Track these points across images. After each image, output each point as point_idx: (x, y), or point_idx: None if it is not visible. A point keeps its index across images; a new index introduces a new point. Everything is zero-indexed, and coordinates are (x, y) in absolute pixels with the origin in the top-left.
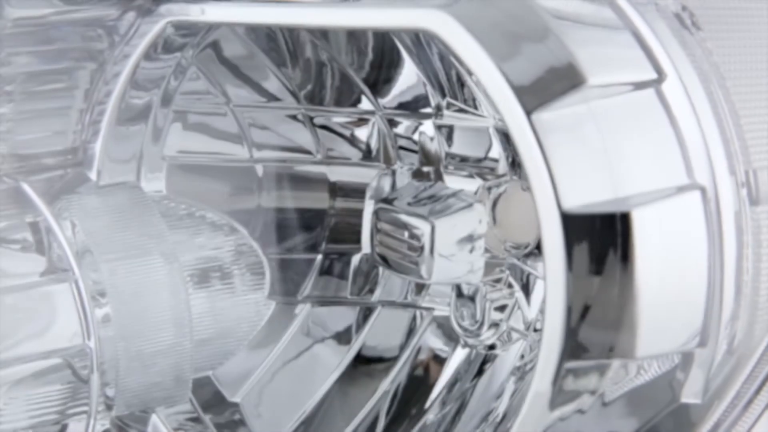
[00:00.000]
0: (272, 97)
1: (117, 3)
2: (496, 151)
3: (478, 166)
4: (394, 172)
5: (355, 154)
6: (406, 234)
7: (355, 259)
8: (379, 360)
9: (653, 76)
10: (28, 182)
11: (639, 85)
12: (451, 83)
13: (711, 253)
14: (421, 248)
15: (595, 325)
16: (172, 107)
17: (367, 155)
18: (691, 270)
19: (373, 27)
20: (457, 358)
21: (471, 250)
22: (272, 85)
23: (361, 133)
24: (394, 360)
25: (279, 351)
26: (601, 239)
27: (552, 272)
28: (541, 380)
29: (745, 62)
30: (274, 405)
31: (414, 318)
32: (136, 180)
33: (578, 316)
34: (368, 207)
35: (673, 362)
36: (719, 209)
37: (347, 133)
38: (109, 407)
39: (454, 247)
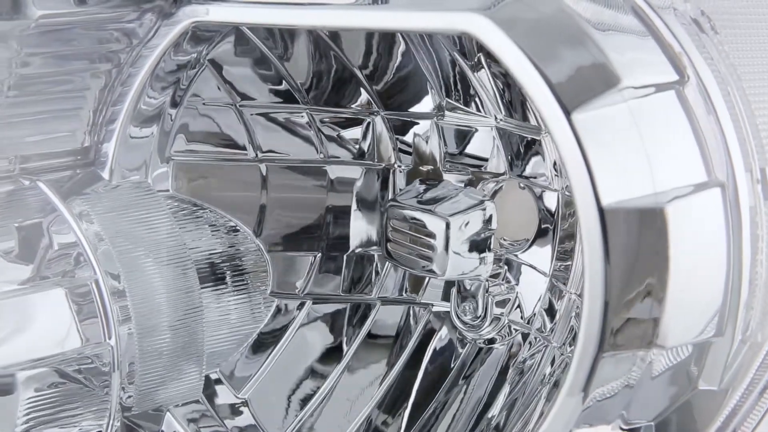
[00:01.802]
0: (278, 97)
1: (136, 4)
2: (488, 150)
3: (471, 165)
4: (389, 171)
5: (353, 154)
6: (420, 231)
7: (353, 257)
8: (380, 354)
9: (675, 78)
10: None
11: (664, 87)
12: (449, 84)
13: (729, 247)
14: (435, 245)
15: (632, 317)
16: (182, 107)
17: (364, 155)
18: (712, 262)
19: (411, 29)
20: (455, 352)
21: (482, 247)
22: (278, 85)
23: (361, 133)
24: (393, 354)
25: (282, 347)
26: (638, 234)
27: (591, 266)
28: (578, 370)
29: (760, 65)
30: (280, 400)
31: (409, 314)
32: (145, 179)
33: (615, 308)
34: (354, 205)
35: (687, 351)
36: (738, 205)
37: (346, 133)
38: (124, 408)
39: (466, 243)
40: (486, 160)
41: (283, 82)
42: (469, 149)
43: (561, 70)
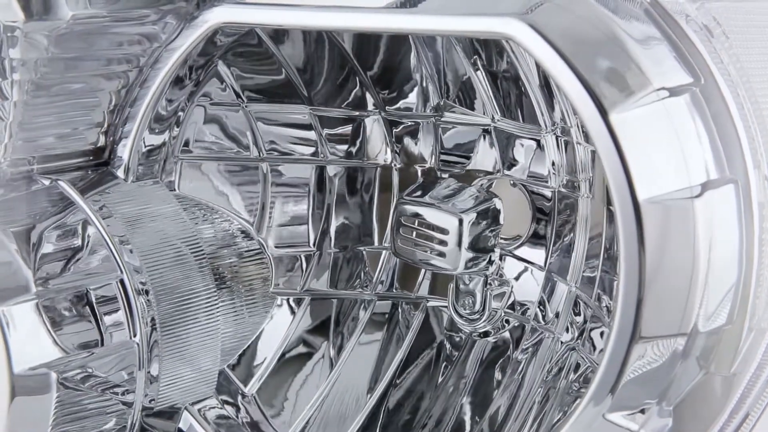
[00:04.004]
0: (281, 98)
1: (156, 6)
2: (475, 147)
3: (460, 163)
4: (378, 170)
5: (351, 153)
6: (432, 228)
7: (344, 254)
8: (375, 351)
9: (691, 80)
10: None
11: (682, 89)
12: (448, 84)
13: (741, 239)
14: (448, 241)
15: (661, 307)
16: (191, 108)
17: (359, 153)
18: (728, 254)
19: (447, 32)
20: (448, 349)
21: (491, 242)
22: (284, 85)
23: (352, 131)
24: (389, 351)
25: (284, 343)
26: (671, 228)
27: (627, 259)
28: (612, 359)
29: (766, 67)
30: (286, 395)
31: (399, 309)
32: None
33: (648, 299)
34: (334, 203)
35: (703, 339)
36: (750, 200)
37: (343, 131)
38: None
39: (476, 239)
40: (469, 158)
41: (284, 72)
42: (458, 147)
43: (596, 72)
